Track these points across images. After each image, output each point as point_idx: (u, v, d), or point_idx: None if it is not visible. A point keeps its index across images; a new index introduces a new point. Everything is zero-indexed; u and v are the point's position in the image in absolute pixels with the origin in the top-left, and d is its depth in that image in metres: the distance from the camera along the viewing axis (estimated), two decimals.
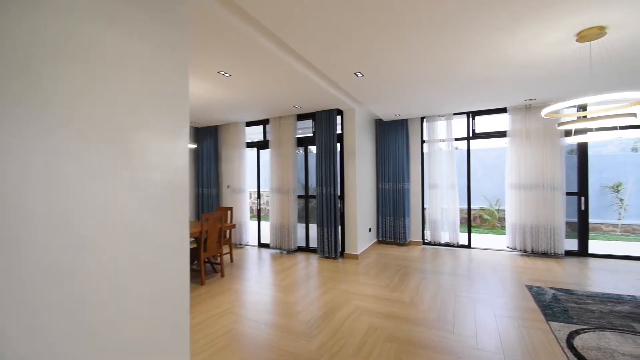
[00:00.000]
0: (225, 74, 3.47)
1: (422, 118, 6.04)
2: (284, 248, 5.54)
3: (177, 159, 1.65)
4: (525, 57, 3.21)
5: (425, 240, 6.07)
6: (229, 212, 5.14)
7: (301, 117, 5.44)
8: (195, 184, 6.62)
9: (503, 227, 7.66)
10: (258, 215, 6.24)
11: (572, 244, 5.16)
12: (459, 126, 5.83)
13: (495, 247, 5.79)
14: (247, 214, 6.23)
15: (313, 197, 5.45)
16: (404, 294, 3.54)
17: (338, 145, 5.19)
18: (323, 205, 5.10)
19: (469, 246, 5.76)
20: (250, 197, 10.04)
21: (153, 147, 1.50)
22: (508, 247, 5.39)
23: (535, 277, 4.11)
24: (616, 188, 7.43)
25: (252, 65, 3.24)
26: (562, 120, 4.47)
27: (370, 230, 5.92)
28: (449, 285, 3.83)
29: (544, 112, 3.11)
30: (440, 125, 5.82)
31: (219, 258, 4.40)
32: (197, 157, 6.58)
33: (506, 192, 5.44)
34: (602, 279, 4.01)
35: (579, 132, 4.21)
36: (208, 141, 6.40)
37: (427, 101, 4.85)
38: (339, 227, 5.14)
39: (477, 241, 6.24)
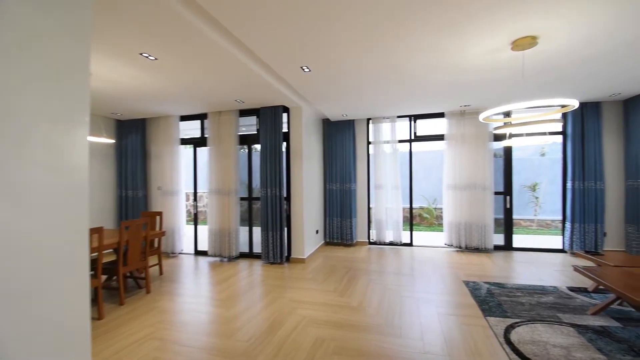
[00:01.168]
0: (150, 57, 2.97)
1: (368, 119, 6.08)
2: (224, 255, 5.08)
3: (73, 155, 1.25)
4: (464, 62, 3.32)
5: (371, 240, 6.12)
6: (157, 217, 4.52)
7: (244, 112, 5.04)
8: (115, 185, 5.75)
9: (440, 225, 8.14)
10: (195, 220, 5.66)
11: (499, 239, 5.62)
12: (402, 129, 6.00)
13: (434, 244, 6.07)
14: (183, 218, 5.61)
15: (257, 199, 5.09)
16: (352, 298, 3.42)
17: (284, 144, 4.92)
18: (268, 208, 4.78)
19: (411, 244, 5.94)
20: (188, 200, 9.23)
21: (36, 139, 1.09)
22: (446, 244, 5.68)
23: (470, 272, 4.34)
24: (533, 187, 8.42)
25: (183, 50, 2.81)
26: (495, 125, 4.80)
27: (317, 232, 5.77)
28: (394, 285, 3.82)
29: (482, 116, 3.25)
30: (385, 127, 5.92)
31: (144, 271, 3.81)
32: (120, 155, 5.73)
33: (443, 192, 5.73)
34: (526, 271, 4.38)
35: (511, 136, 4.56)
36: (133, 136, 5.61)
37: (373, 102, 4.85)
38: (285, 230, 4.87)
39: (418, 239, 6.50)
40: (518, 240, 5.96)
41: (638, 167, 4.66)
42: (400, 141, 5.92)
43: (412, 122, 5.88)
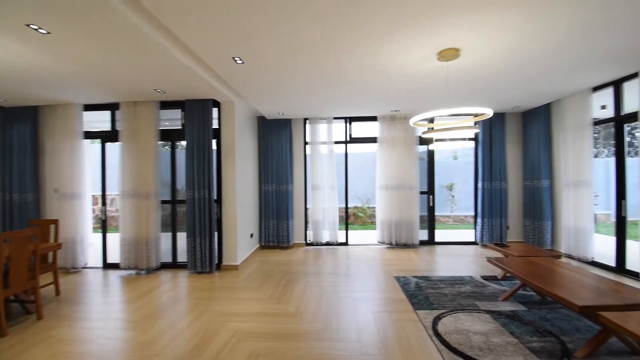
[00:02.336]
0: (41, 30, 2.38)
1: (305, 119, 6.01)
2: (141, 267, 4.44)
3: None
4: (396, 69, 3.46)
5: (308, 241, 6.06)
6: (51, 226, 3.72)
7: (166, 104, 4.48)
8: None
9: (373, 223, 8.50)
10: (103, 227, 4.84)
11: (424, 235, 6.09)
12: (339, 130, 6.08)
13: (368, 242, 6.29)
14: (88, 226, 4.75)
15: (182, 202, 4.58)
16: (289, 304, 3.27)
17: (214, 141, 4.51)
18: (195, 212, 4.33)
19: (346, 243, 6.05)
20: (97, 204, 7.98)
21: None
22: (378, 242, 5.93)
23: (401, 267, 4.57)
24: (450, 187, 9.42)
25: (85, 24, 2.31)
26: (421, 129, 5.15)
27: (252, 235, 5.46)
28: (331, 287, 3.79)
29: (412, 120, 3.41)
30: (322, 128, 5.92)
31: (33, 293, 3.07)
32: (2, 149, 4.60)
33: (376, 192, 5.98)
34: (447, 263, 4.79)
35: (436, 140, 4.94)
36: (21, 127, 4.56)
37: (308, 102, 4.78)
38: (215, 235, 4.47)
39: (354, 238, 6.67)
40: (439, 235, 6.53)
41: (533, 170, 5.50)
42: (336, 142, 5.98)
43: (348, 124, 6.00)
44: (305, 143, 6.06)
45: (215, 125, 4.52)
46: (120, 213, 4.48)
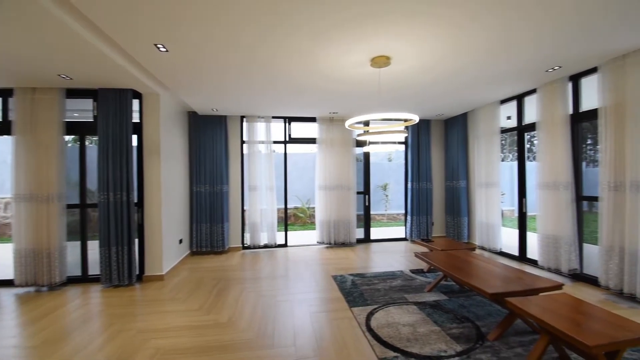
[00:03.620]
0: None
1: (242, 117, 5.75)
2: (42, 283, 3.74)
3: None
4: (332, 72, 3.50)
5: (245, 245, 5.81)
6: None
7: (74, 93, 3.86)
8: None
9: (313, 223, 8.55)
10: None
11: (360, 233, 6.33)
12: (277, 130, 5.97)
13: (308, 242, 6.29)
14: None
15: (95, 205, 3.99)
16: (221, 314, 3.06)
17: (135, 137, 4.03)
18: (110, 217, 3.80)
19: (286, 245, 5.97)
20: None
21: None
22: (318, 242, 5.97)
23: (338, 266, 4.65)
24: (384, 187, 9.99)
25: None
26: (357, 132, 5.32)
27: (181, 241, 5.02)
28: (269, 291, 3.67)
29: (347, 123, 3.48)
30: (260, 127, 5.74)
31: None
32: None
33: (316, 193, 6.02)
34: (381, 259, 5.03)
35: (370, 143, 5.15)
36: None
37: (243, 99, 4.57)
38: (135, 243, 3.99)
39: (293, 239, 6.61)
40: (375, 233, 6.86)
41: (453, 171, 6.10)
42: (275, 142, 5.85)
43: (287, 124, 5.92)
44: (243, 142, 5.80)
45: (136, 119, 4.04)
46: (14, 219, 3.72)
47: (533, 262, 4.44)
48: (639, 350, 2.25)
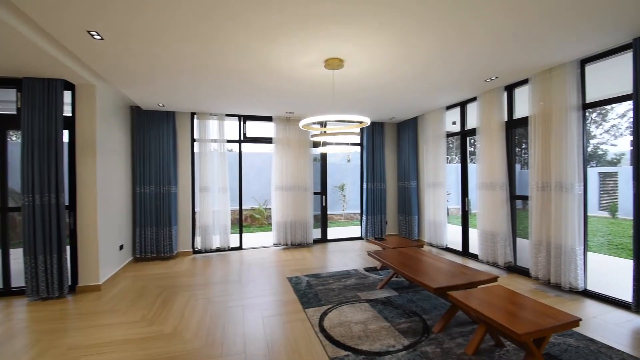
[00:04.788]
0: None
1: (193, 114, 5.45)
2: None
3: None
4: (287, 70, 3.45)
5: (196, 249, 5.51)
6: None
7: None
8: None
9: (270, 225, 8.42)
10: None
11: (317, 233, 6.35)
12: (232, 128, 5.76)
13: (264, 244, 6.16)
14: None
15: (17, 209, 3.50)
16: (165, 324, 2.85)
17: (66, 133, 3.62)
18: (36, 221, 3.37)
19: (240, 248, 5.78)
20: None
21: None
22: (274, 244, 5.87)
23: (294, 267, 4.61)
24: (341, 187, 10.16)
25: None
26: (313, 132, 5.32)
27: (122, 247, 4.61)
28: (219, 297, 3.51)
29: (301, 123, 3.46)
30: (213, 125, 5.49)
31: None
32: None
33: (272, 194, 5.92)
34: (336, 259, 5.09)
35: (324, 144, 5.19)
36: None
37: (193, 95, 4.34)
38: (67, 250, 3.58)
39: (249, 241, 6.45)
40: (332, 233, 6.93)
41: (404, 172, 6.38)
42: (229, 141, 5.64)
43: (242, 123, 5.74)
44: (193, 140, 5.50)
45: (68, 112, 3.63)
46: None
47: (474, 257, 4.79)
48: (563, 335, 2.52)
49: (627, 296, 2.95)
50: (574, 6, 2.26)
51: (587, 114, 3.38)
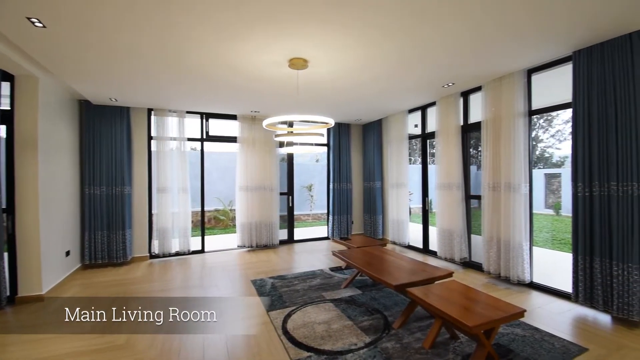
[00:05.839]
0: None
1: (150, 110, 5.15)
2: None
3: None
4: (251, 68, 3.38)
5: (153, 253, 5.21)
6: None
7: None
8: None
9: (235, 226, 8.22)
10: None
11: (284, 234, 6.30)
12: (193, 126, 5.53)
13: (228, 247, 5.98)
14: None
15: None
16: (118, 335, 2.67)
17: (3, 128, 3.26)
18: None
19: (202, 251, 5.57)
20: None
21: None
22: (238, 246, 5.73)
23: (259, 270, 4.53)
24: (309, 188, 10.17)
25: None
26: (277, 132, 5.27)
27: (68, 253, 4.24)
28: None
29: (265, 123, 3.41)
30: (172, 122, 5.23)
31: None
32: None
33: (236, 194, 5.77)
34: (303, 260, 5.08)
35: (289, 144, 5.16)
36: None
37: (150, 90, 4.10)
38: (4, 258, 3.22)
39: (212, 244, 6.23)
40: (299, 233, 6.91)
41: (370, 173, 6.53)
42: (189, 139, 5.41)
43: (204, 121, 5.54)
44: (150, 138, 5.19)
45: (6, 105, 3.27)
46: None
47: (434, 254, 5.02)
48: (511, 325, 2.70)
49: (568, 287, 3.15)
50: (521, 18, 2.45)
51: (533, 120, 3.68)
